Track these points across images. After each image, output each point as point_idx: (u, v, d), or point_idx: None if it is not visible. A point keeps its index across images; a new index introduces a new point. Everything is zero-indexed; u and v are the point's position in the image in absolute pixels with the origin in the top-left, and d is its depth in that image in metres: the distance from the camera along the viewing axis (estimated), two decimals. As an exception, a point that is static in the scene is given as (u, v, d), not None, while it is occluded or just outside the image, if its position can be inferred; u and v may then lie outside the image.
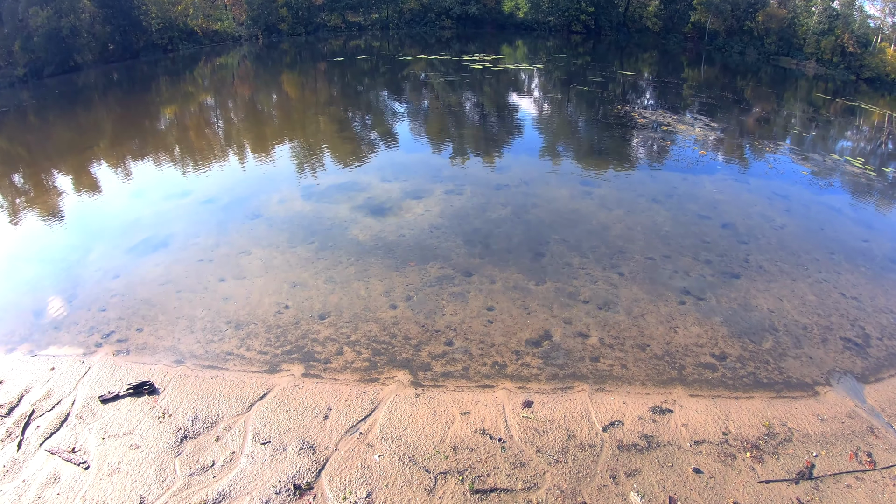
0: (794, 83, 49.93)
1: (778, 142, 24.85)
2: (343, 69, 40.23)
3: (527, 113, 27.51)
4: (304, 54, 49.98)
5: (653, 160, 20.27)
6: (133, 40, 45.81)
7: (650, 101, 32.43)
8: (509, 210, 15.38)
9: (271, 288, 11.92)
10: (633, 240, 14.13)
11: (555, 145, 22.27)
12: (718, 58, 57.19)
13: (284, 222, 14.71)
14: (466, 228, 14.30)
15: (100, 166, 19.89)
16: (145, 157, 20.79)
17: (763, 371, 10.01)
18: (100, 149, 21.89)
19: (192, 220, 15.13)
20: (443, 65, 40.28)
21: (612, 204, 16.07)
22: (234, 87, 36.06)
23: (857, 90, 49.96)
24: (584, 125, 25.54)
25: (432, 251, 13.26)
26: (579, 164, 19.63)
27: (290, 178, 17.73)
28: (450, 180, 17.40)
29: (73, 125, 25.89)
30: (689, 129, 24.86)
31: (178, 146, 22.02)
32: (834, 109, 36.21)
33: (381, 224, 14.52)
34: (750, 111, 32.23)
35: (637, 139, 22.92)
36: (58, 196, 17.24)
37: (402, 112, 27.37)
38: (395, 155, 20.02)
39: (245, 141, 22.53)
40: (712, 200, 16.88)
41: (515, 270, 12.59)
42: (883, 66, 53.62)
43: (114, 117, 27.73)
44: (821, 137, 27.45)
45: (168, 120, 26.78)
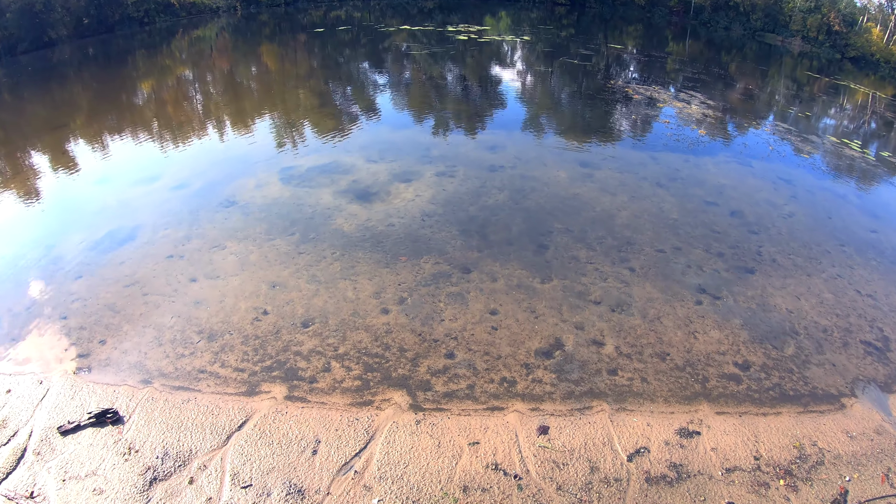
0: (780, 60, 48.86)
1: (776, 122, 23.73)
2: (323, 40, 38.13)
3: (516, 87, 25.92)
4: (284, 25, 47.64)
5: (652, 140, 18.95)
6: (108, 14, 43.20)
7: (642, 76, 30.99)
8: (506, 195, 13.99)
9: (248, 289, 10.46)
10: (641, 229, 12.87)
11: (548, 122, 20.77)
12: (704, 32, 55.86)
13: (262, 210, 13.16)
14: (461, 216, 12.89)
15: (68, 148, 17.92)
16: (116, 137, 18.87)
17: (788, 382, 9.02)
18: (70, 128, 19.86)
19: (161, 208, 13.49)
20: (426, 36, 38.37)
21: (615, 188, 14.76)
22: (211, 60, 33.88)
23: (842, 69, 49.20)
24: (578, 100, 24.05)
25: (425, 243, 11.86)
26: (576, 142, 18.22)
27: (267, 160, 16.08)
28: (440, 160, 15.92)
29: (45, 103, 23.67)
30: (686, 106, 23.56)
31: (151, 124, 20.08)
32: (822, 88, 35.33)
33: (367, 212, 13.05)
34: (743, 89, 31.11)
35: (634, 116, 21.55)
36: (18, 183, 15.34)
37: (386, 86, 25.55)
38: (380, 132, 18.39)
39: (221, 118, 20.66)
40: (717, 185, 15.70)
41: (518, 266, 11.25)
42: (868, 46, 52.82)
43: (87, 94, 25.57)
44: (816, 118, 26.61)
45: (143, 96, 24.63)
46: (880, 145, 22.46)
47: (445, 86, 25.03)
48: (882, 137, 24.24)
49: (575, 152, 17.13)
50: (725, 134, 20.52)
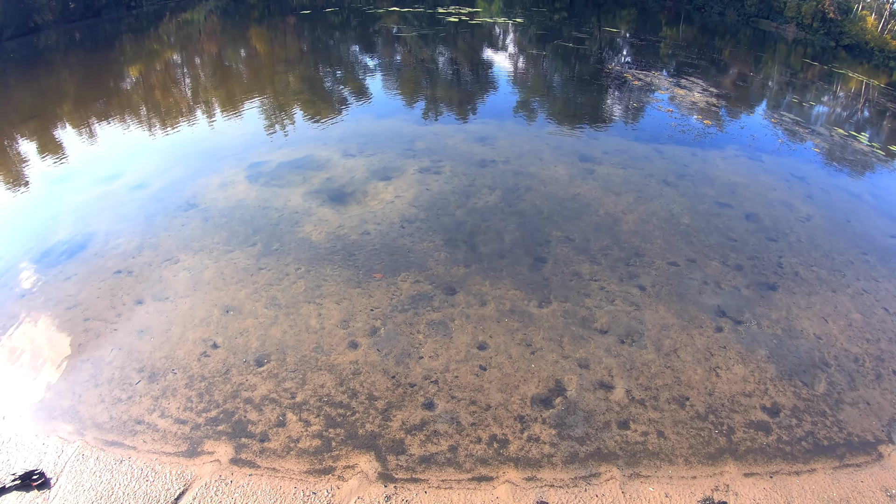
0: (775, 47, 46.92)
1: (781, 112, 21.85)
2: (310, 23, 35.83)
3: (508, 72, 23.82)
4: (273, 8, 45.31)
5: (656, 131, 17.03)
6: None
7: (640, 61, 28.98)
8: (498, 195, 12.11)
9: (198, 314, 8.60)
10: (650, 237, 11.05)
11: (543, 109, 18.64)
12: (698, 18, 53.78)
13: (223, 215, 11.25)
14: (447, 222, 11.01)
15: (31, 143, 15.83)
16: (86, 129, 16.76)
17: (821, 428, 7.36)
18: (40, 120, 17.78)
19: (116, 213, 11.59)
20: (416, 18, 36.13)
21: (619, 186, 12.90)
22: (199, 44, 31.81)
23: (836, 56, 47.46)
24: (573, 86, 22.01)
25: (404, 256, 10.00)
26: (574, 133, 16.26)
27: (237, 154, 14.10)
28: (425, 154, 13.98)
29: (19, 93, 21.49)
30: (688, 93, 21.62)
31: (123, 115, 17.94)
32: (821, 76, 33.57)
33: (340, 216, 11.15)
34: (744, 76, 29.21)
35: (635, 104, 19.57)
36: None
37: (372, 71, 23.38)
38: (361, 122, 16.37)
39: (194, 108, 18.55)
40: (729, 183, 13.88)
41: (511, 284, 9.42)
42: (863, 34, 51.18)
43: (66, 83, 23.29)
44: (821, 108, 24.86)
45: (123, 85, 22.27)
46: (887, 138, 20.67)
47: (434, 70, 22.94)
48: (889, 130, 22.46)
49: (573, 144, 15.21)
50: (731, 124, 18.66)
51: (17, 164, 14.37)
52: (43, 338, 8.22)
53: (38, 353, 7.95)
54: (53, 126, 17.26)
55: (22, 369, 7.71)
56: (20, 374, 7.62)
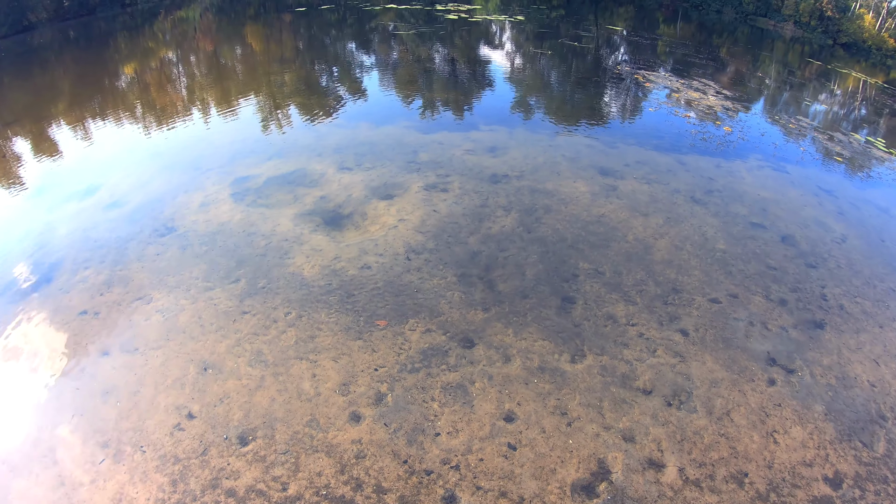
0: (773, 45, 45.44)
1: (798, 117, 20.37)
2: (306, 21, 34.01)
3: (513, 73, 22.14)
4: (268, 5, 43.43)
5: (676, 139, 15.47)
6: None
7: (648, 62, 27.40)
8: (514, 218, 10.53)
9: (171, 372, 7.02)
10: (687, 267, 9.53)
11: (554, 115, 16.86)
12: (695, 15, 52.17)
13: (202, 243, 9.64)
14: (459, 252, 9.43)
15: (6, 151, 14.17)
16: (64, 135, 15.04)
17: (884, 498, 6.09)
18: (21, 124, 16.06)
19: (87, 237, 10.00)
20: (413, 16, 34.35)
21: (646, 206, 11.36)
22: (195, 41, 30.10)
23: (834, 55, 46.13)
24: (583, 89, 20.34)
25: (412, 297, 8.42)
26: (590, 142, 14.63)
27: (222, 166, 12.45)
28: (430, 167, 12.37)
29: (3, 95, 19.75)
30: (702, 96, 20.07)
31: (103, 120, 16.22)
32: (828, 77, 32.11)
33: (336, 245, 9.54)
34: (752, 77, 27.72)
35: (650, 109, 17.97)
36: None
37: (369, 73, 21.61)
38: (359, 129, 14.67)
39: (176, 112, 16.83)
40: (759, 200, 12.42)
41: (538, 333, 7.87)
42: (860, 33, 49.78)
43: (53, 85, 21.54)
44: (834, 112, 23.47)
45: (110, 87, 20.45)
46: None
47: (435, 71, 21.24)
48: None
49: (591, 155, 13.63)
50: (750, 131, 17.14)
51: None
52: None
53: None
54: (34, 131, 15.59)
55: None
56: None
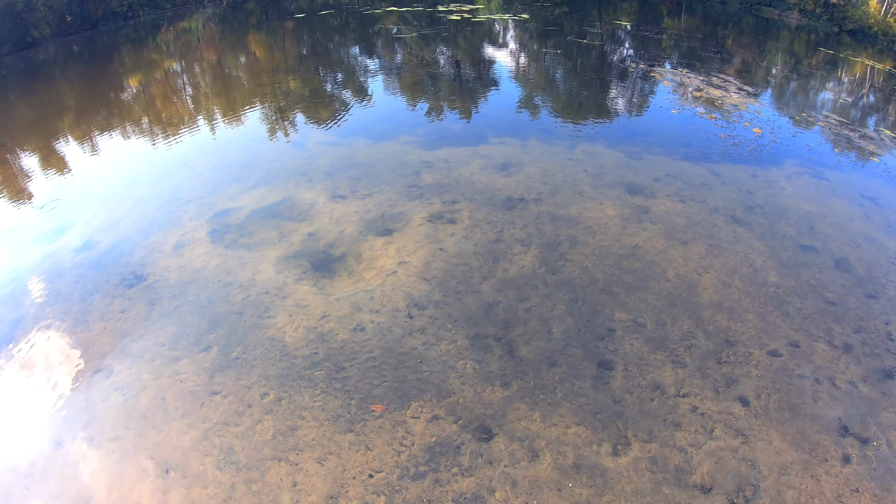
0: (782, 35, 43.09)
1: (825, 113, 18.41)
2: (307, 27, 32.16)
3: (521, 75, 20.14)
4: (269, 13, 41.68)
5: (706, 145, 13.52)
6: (92, 10, 37.38)
7: (661, 57, 25.35)
8: (535, 255, 8.65)
9: (127, 475, 5.43)
10: (738, 311, 7.68)
11: (570, 123, 14.68)
12: (699, 7, 49.65)
13: (173, 296, 7.89)
14: (471, 305, 7.58)
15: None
16: (43, 162, 13.53)
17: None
18: (6, 149, 14.47)
19: (52, 289, 8.45)
20: (416, 18, 32.39)
21: (684, 231, 9.46)
22: (198, 52, 28.56)
23: (840, 42, 43.86)
24: (598, 90, 18.29)
25: (415, 370, 6.59)
26: (613, 153, 12.65)
27: (200, 198, 10.68)
28: (434, 192, 10.50)
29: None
30: (724, 94, 18.05)
31: (84, 145, 14.57)
32: (844, 68, 29.91)
33: (324, 299, 7.72)
34: (768, 69, 25.63)
35: (673, 111, 15.92)
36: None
37: (368, 80, 19.62)
38: (355, 146, 12.80)
39: (160, 133, 15.00)
40: (804, 215, 10.62)
41: (571, 415, 6.02)
42: (866, 19, 47.33)
43: (46, 105, 20.02)
44: (857, 105, 21.41)
45: (99, 107, 18.75)
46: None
47: (438, 77, 19.28)
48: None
49: (615, 169, 11.69)
50: (782, 132, 15.17)
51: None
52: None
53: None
54: (14, 158, 14.04)
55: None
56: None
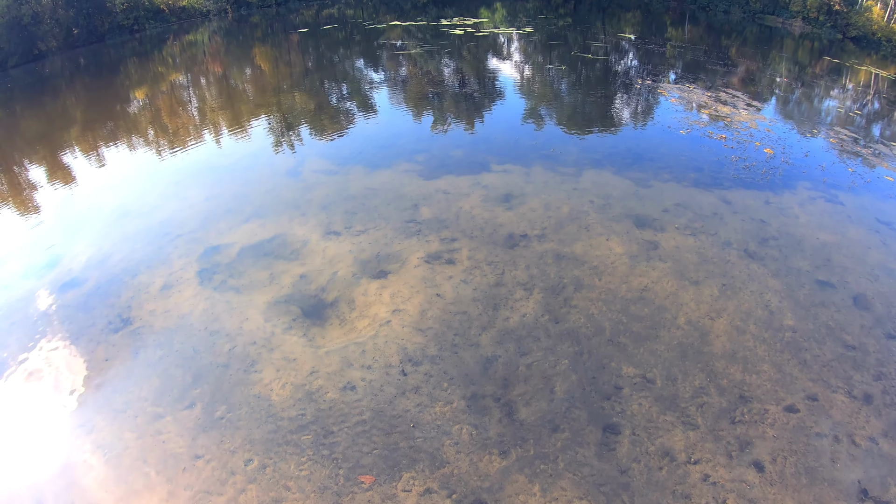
0: (786, 43, 42.45)
1: (835, 127, 17.76)
2: (309, 41, 31.81)
3: (525, 95, 19.56)
4: (274, 27, 41.49)
5: (716, 169, 12.92)
6: (98, 23, 37.60)
7: (667, 71, 24.79)
8: (538, 301, 8.08)
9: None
10: (753, 361, 7.13)
11: (574, 146, 13.98)
12: (703, 17, 49.15)
13: (158, 344, 7.42)
14: (468, 361, 7.02)
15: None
16: (36, 188, 13.25)
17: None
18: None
19: (32, 335, 8.00)
20: (420, 31, 31.96)
21: (695, 269, 8.89)
22: (204, 65, 28.37)
23: (844, 49, 43.21)
24: (603, 110, 17.68)
25: (407, 437, 6.05)
26: (619, 180, 12.03)
27: (191, 232, 10.20)
28: (432, 228, 9.93)
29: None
30: (733, 111, 17.47)
31: (78, 169, 14.29)
32: (848, 76, 29.35)
33: (314, 352, 7.18)
34: (775, 82, 25.02)
35: (682, 131, 15.29)
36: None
37: (368, 100, 19.07)
38: (351, 176, 12.22)
39: (154, 159, 14.54)
40: (819, 247, 10.04)
41: (573, 488, 5.46)
42: (869, 25, 46.73)
43: (52, 118, 19.80)
44: (866, 118, 20.82)
45: (91, 129, 18.45)
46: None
47: (440, 95, 18.76)
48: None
49: (622, 197, 11.10)
50: (792, 151, 14.58)
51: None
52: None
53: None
54: (11, 178, 13.97)
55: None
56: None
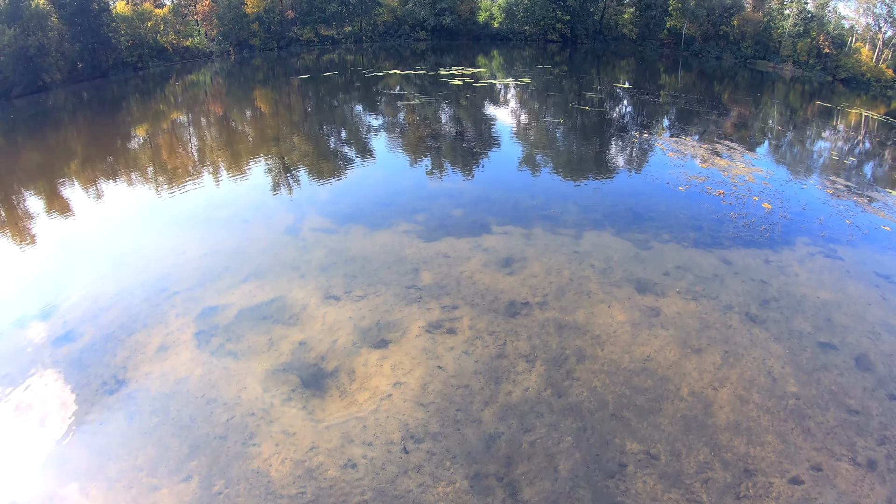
0: (777, 87, 43.51)
1: (830, 177, 18.21)
2: (308, 90, 32.39)
3: (523, 150, 19.87)
4: (275, 70, 42.44)
5: (716, 227, 13.06)
6: (102, 59, 39.33)
7: (664, 122, 25.35)
8: (540, 374, 8.03)
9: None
10: (757, 431, 7.16)
11: (575, 206, 13.97)
12: (696, 63, 50.42)
13: (154, 410, 7.35)
14: (470, 437, 6.95)
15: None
16: (34, 229, 13.41)
17: None
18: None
19: (24, 391, 7.90)
20: (418, 79, 32.61)
21: (697, 336, 8.90)
22: (206, 104, 28.78)
23: (834, 91, 44.39)
24: (603, 166, 17.94)
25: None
26: (620, 242, 12.09)
27: (189, 289, 10.22)
28: (433, 294, 9.90)
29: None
30: (731, 164, 17.82)
31: (76, 211, 14.46)
32: (839, 119, 30.02)
33: (314, 426, 7.11)
34: (769, 131, 25.59)
35: (680, 188, 15.51)
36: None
37: (367, 154, 19.31)
38: (350, 236, 12.25)
39: (154, 208, 14.60)
40: (820, 306, 10.10)
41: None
42: (858, 66, 48.34)
43: (53, 150, 20.03)
44: (859, 163, 21.75)
45: (107, 166, 18.70)
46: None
47: (439, 150, 19.05)
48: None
49: (623, 261, 11.17)
50: (790, 204, 14.85)
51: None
52: None
53: None
54: (4, 220, 14.05)
55: None
56: None
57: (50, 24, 34.90)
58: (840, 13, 49.53)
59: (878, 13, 47.60)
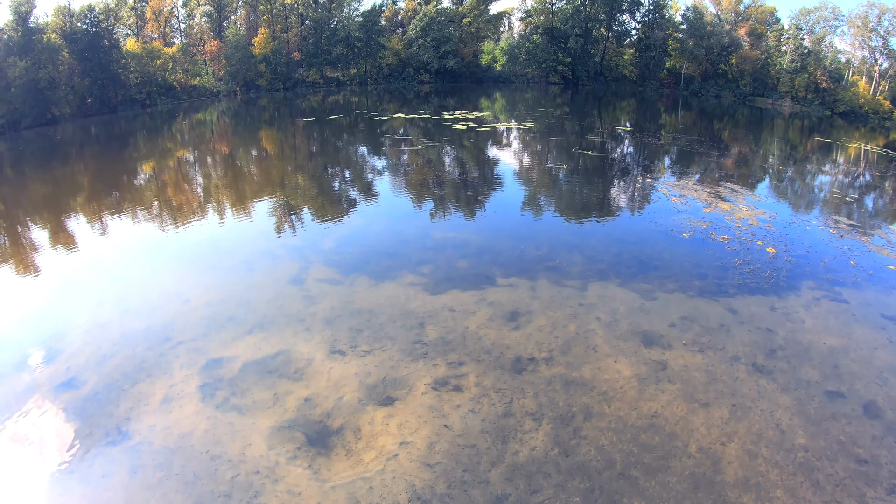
0: (778, 124, 44.14)
1: (833, 216, 18.37)
2: (313, 132, 32.92)
3: (529, 198, 20.07)
4: (281, 111, 43.32)
5: (721, 275, 13.12)
6: (111, 94, 40.89)
7: (666, 165, 25.68)
8: (547, 432, 8.01)
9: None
10: (766, 486, 7.22)
11: (580, 257, 13.98)
12: (695, 102, 51.24)
13: (157, 466, 7.34)
14: (477, 499, 6.94)
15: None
16: (36, 271, 13.57)
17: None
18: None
19: (25, 440, 7.90)
20: (422, 122, 33.15)
21: (704, 389, 8.88)
22: (212, 143, 29.26)
23: (833, 125, 44.99)
24: (608, 214, 18.09)
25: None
26: (626, 294, 12.09)
27: (193, 340, 10.30)
28: (439, 350, 9.92)
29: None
30: (734, 207, 17.97)
31: (86, 253, 14.57)
32: (839, 155, 30.37)
33: (319, 487, 7.09)
34: (771, 170, 25.89)
35: (684, 234, 15.64)
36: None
37: (372, 197, 19.64)
38: (355, 287, 12.30)
39: (160, 255, 14.72)
40: (827, 353, 10.10)
41: None
42: (856, 99, 49.03)
43: (60, 182, 20.28)
44: (862, 200, 22.12)
45: (112, 205, 18.95)
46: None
47: (443, 198, 19.25)
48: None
49: (629, 313, 11.19)
50: (794, 247, 14.96)
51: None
52: None
53: None
54: (9, 256, 14.27)
55: None
56: None
57: (61, 59, 36.07)
58: (836, 47, 50.52)
59: (873, 45, 48.52)
